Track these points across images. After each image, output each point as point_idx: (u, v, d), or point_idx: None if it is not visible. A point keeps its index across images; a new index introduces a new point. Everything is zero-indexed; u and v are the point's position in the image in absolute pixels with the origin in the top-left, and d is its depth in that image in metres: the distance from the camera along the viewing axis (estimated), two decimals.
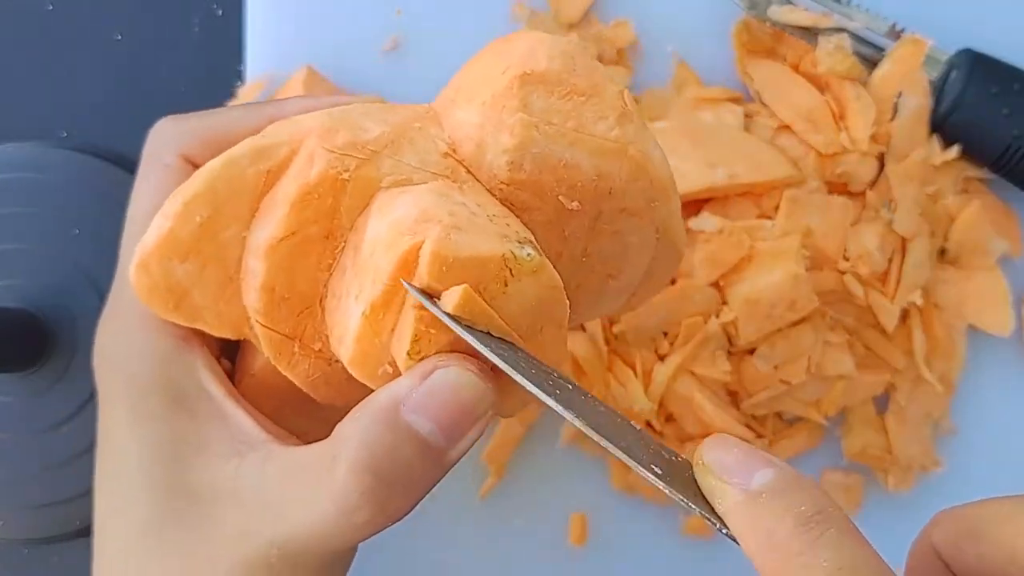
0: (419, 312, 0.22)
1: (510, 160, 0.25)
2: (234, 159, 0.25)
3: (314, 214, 0.24)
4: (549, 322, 0.24)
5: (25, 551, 0.41)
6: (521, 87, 0.25)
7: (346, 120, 0.25)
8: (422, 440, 0.22)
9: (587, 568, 0.41)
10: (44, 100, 0.42)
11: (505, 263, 0.23)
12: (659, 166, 0.26)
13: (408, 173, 0.25)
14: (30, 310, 0.39)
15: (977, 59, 0.39)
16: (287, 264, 0.25)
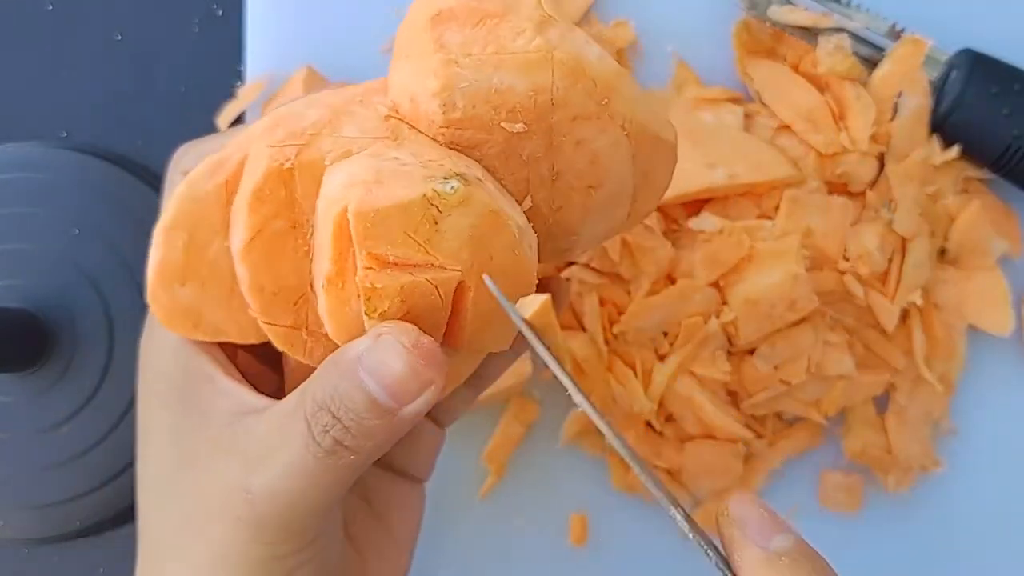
0: (365, 272, 0.23)
1: (441, 102, 0.25)
2: (194, 179, 0.26)
3: (272, 209, 0.25)
4: (498, 248, 0.24)
5: (25, 551, 0.41)
6: (434, 28, 0.25)
7: (288, 114, 0.26)
8: (370, 395, 0.24)
9: (587, 568, 0.41)
10: (44, 100, 0.42)
11: (429, 202, 0.23)
12: (597, 63, 0.25)
13: (347, 145, 0.25)
14: (30, 310, 0.39)
15: (977, 59, 0.39)
16: (266, 261, 0.25)
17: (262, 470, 0.25)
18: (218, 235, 0.26)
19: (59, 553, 0.41)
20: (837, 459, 0.41)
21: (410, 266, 0.23)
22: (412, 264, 0.23)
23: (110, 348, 0.39)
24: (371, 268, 0.23)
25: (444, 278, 0.23)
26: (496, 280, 0.24)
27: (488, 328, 0.25)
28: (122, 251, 0.39)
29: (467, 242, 0.23)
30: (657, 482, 0.23)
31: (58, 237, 0.39)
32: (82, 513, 0.40)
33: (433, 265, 0.23)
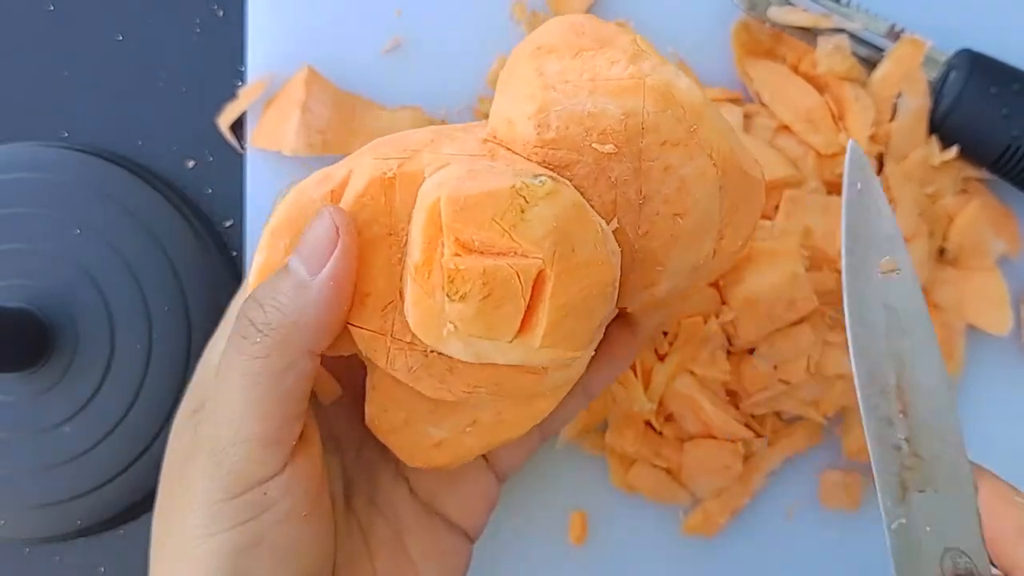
0: (451, 256, 0.24)
1: (536, 123, 0.26)
2: (302, 187, 0.28)
3: (371, 214, 0.26)
4: (580, 243, 0.25)
5: (26, 551, 0.41)
6: (535, 59, 0.27)
7: (395, 137, 0.28)
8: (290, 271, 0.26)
9: (587, 567, 0.41)
10: (45, 100, 0.42)
11: (517, 192, 0.24)
12: (687, 91, 0.26)
13: (446, 160, 0.26)
14: (31, 310, 0.39)
15: (976, 60, 0.39)
16: (361, 264, 0.26)
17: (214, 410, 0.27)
18: None
19: (59, 553, 0.41)
20: (836, 458, 0.41)
21: (494, 252, 0.24)
22: (496, 250, 0.24)
23: (111, 348, 0.39)
24: (457, 253, 0.24)
25: (526, 264, 0.24)
26: (578, 271, 0.25)
27: (564, 324, 0.25)
28: (123, 251, 0.39)
29: (551, 232, 0.24)
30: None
31: (59, 237, 0.39)
32: (82, 513, 0.39)
33: (516, 252, 0.24)
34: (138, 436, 0.39)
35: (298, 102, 0.39)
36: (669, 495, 0.40)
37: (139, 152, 0.42)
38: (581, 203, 0.25)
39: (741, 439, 0.39)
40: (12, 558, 0.41)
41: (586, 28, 0.27)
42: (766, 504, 0.41)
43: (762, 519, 0.41)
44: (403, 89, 0.41)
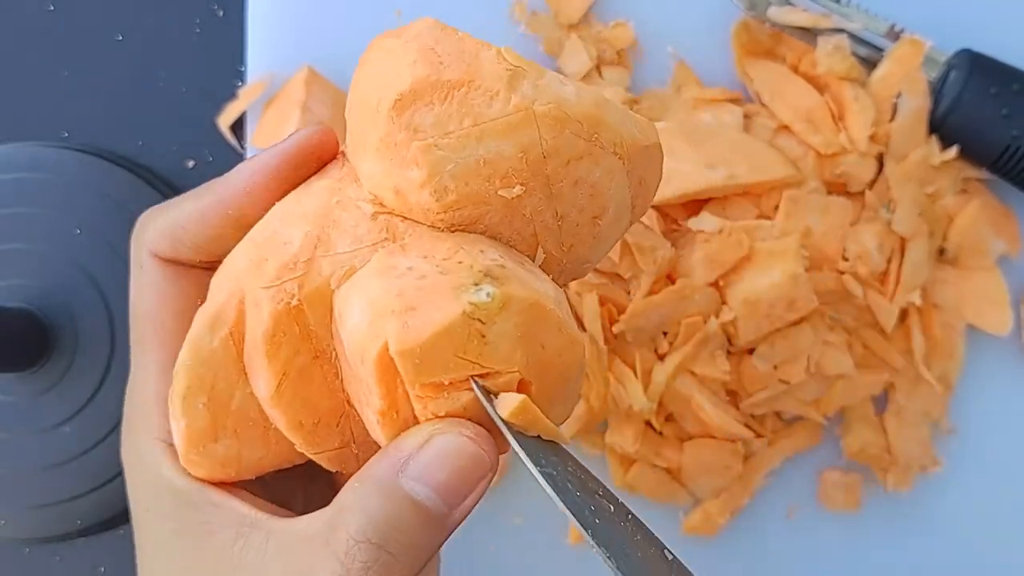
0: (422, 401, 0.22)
1: (432, 190, 0.24)
2: (196, 341, 0.25)
3: (291, 349, 0.24)
4: (546, 336, 0.23)
5: (26, 551, 0.41)
6: (399, 115, 0.24)
7: (268, 240, 0.25)
8: (421, 507, 0.22)
9: (587, 568, 0.41)
10: (45, 100, 0.42)
11: (470, 318, 0.22)
12: (576, 101, 0.24)
13: (348, 262, 0.24)
14: (31, 310, 0.39)
15: (976, 60, 0.39)
16: (298, 400, 0.25)
17: None
18: (237, 386, 0.25)
19: (59, 553, 0.41)
20: (836, 458, 0.41)
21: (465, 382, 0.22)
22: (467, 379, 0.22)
23: (111, 348, 0.39)
24: (427, 397, 0.22)
25: (504, 382, 0.23)
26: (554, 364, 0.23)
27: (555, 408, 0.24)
28: (123, 251, 0.39)
29: (518, 343, 0.23)
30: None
31: (59, 237, 0.39)
32: (82, 513, 0.40)
33: (489, 374, 0.22)
34: None
35: (298, 102, 0.39)
36: (669, 495, 0.40)
37: (139, 152, 0.42)
38: (536, 300, 0.23)
39: (741, 439, 0.39)
40: (12, 558, 0.41)
41: (441, 52, 0.25)
42: (766, 504, 0.41)
43: (762, 519, 0.41)
44: None
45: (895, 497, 0.41)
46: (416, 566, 0.23)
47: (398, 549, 0.22)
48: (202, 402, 0.25)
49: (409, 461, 0.22)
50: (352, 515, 0.23)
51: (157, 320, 0.27)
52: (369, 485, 0.23)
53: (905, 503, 0.42)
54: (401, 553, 0.22)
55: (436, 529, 0.23)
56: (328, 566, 0.22)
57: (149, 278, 0.27)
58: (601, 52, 0.40)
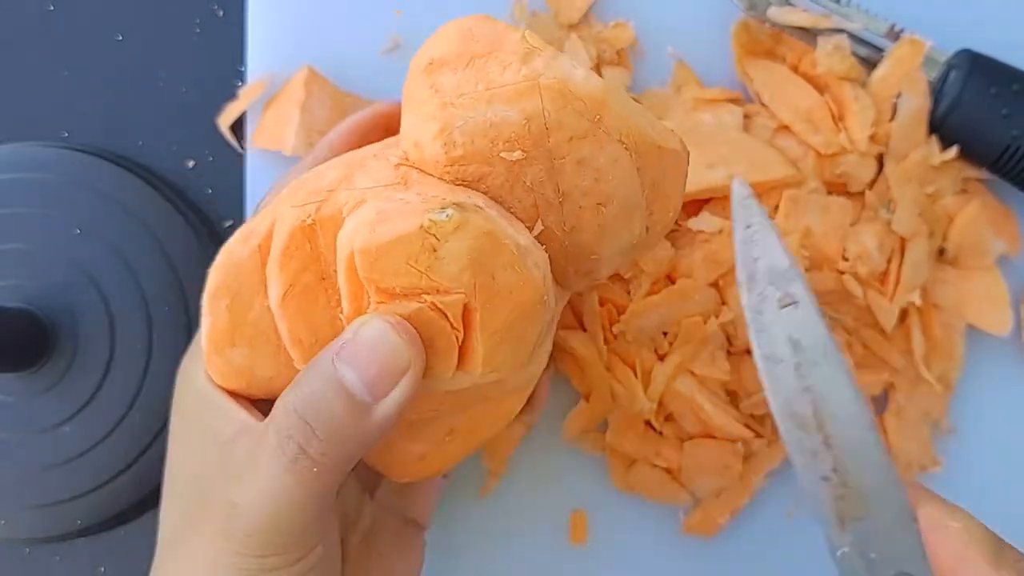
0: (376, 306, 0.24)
1: (442, 143, 0.26)
2: (229, 247, 0.28)
3: (300, 263, 0.27)
4: (498, 269, 0.25)
5: (26, 551, 0.41)
6: (429, 76, 0.27)
7: (310, 176, 0.28)
8: (346, 389, 0.24)
9: (587, 567, 0.41)
10: (45, 100, 0.42)
11: (426, 232, 0.24)
12: (583, 82, 0.26)
13: (361, 196, 0.26)
14: (31, 310, 0.39)
15: (976, 60, 0.39)
16: (301, 314, 0.27)
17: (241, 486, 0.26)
18: (258, 296, 0.28)
19: (59, 553, 0.41)
20: None
21: (416, 293, 0.24)
22: (418, 291, 0.24)
23: (111, 348, 0.39)
24: (381, 301, 0.24)
25: (449, 301, 0.24)
26: (502, 297, 0.25)
27: (500, 349, 0.25)
28: (123, 251, 0.39)
29: (467, 265, 0.24)
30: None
31: (59, 237, 0.39)
32: (82, 513, 0.40)
33: (438, 290, 0.24)
34: (138, 436, 0.39)
35: (298, 102, 0.39)
36: (669, 495, 0.40)
37: (139, 152, 0.42)
38: (492, 229, 0.25)
39: (741, 439, 0.39)
40: (12, 558, 0.41)
41: (476, 32, 0.27)
42: (766, 504, 0.41)
43: (762, 519, 0.41)
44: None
45: None
46: (338, 453, 0.25)
47: (319, 426, 0.24)
48: (225, 303, 0.28)
49: (344, 345, 0.24)
50: (291, 390, 0.25)
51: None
52: (311, 365, 0.25)
53: None
54: (322, 431, 0.24)
55: (358, 416, 0.24)
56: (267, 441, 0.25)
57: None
58: (601, 52, 0.40)
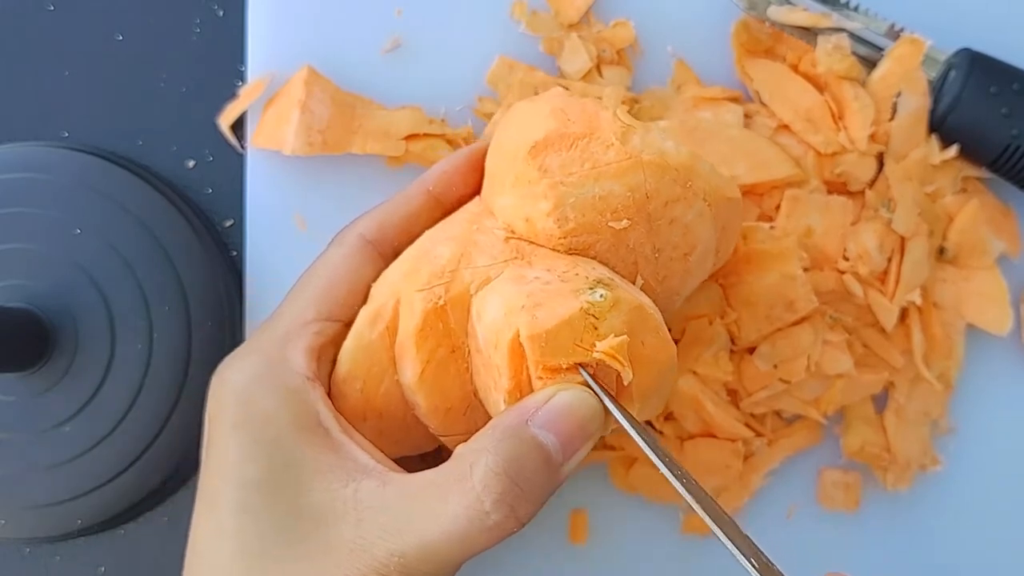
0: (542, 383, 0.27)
1: (556, 219, 0.29)
2: (359, 334, 0.31)
3: (434, 342, 0.29)
4: (646, 335, 0.28)
5: (26, 550, 0.41)
6: (534, 159, 0.30)
7: (421, 254, 0.31)
8: (545, 450, 0.26)
9: (587, 567, 0.41)
10: (44, 100, 0.42)
11: (586, 313, 0.26)
12: (675, 154, 0.30)
13: (485, 273, 0.29)
14: (31, 310, 0.39)
15: (976, 59, 0.39)
16: (436, 386, 0.30)
17: (412, 537, 0.26)
18: (387, 374, 0.31)
19: (59, 553, 0.41)
20: (836, 457, 0.41)
21: (575, 368, 0.27)
22: (577, 365, 0.27)
23: (111, 348, 0.39)
24: (547, 378, 0.27)
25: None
26: (649, 360, 0.28)
27: (650, 400, 0.29)
28: (123, 251, 0.39)
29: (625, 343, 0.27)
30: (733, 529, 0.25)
31: (59, 237, 0.39)
32: (82, 513, 0.39)
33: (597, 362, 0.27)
34: (138, 436, 0.39)
35: (298, 102, 0.39)
36: (669, 495, 0.40)
37: (139, 152, 0.42)
38: (640, 303, 0.28)
39: (742, 439, 0.39)
40: (12, 558, 0.41)
41: (569, 112, 0.30)
42: (766, 504, 0.41)
43: (762, 519, 0.41)
44: (403, 89, 0.41)
45: (895, 496, 0.42)
46: (536, 506, 0.26)
47: (525, 485, 0.26)
48: (359, 386, 0.31)
49: (537, 412, 0.26)
50: (487, 454, 0.26)
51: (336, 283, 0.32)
52: (500, 431, 0.26)
53: (905, 502, 0.42)
54: (527, 489, 0.26)
55: (552, 474, 0.26)
56: (463, 500, 0.26)
57: (347, 250, 0.32)
58: (601, 51, 0.40)
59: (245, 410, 0.28)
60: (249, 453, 0.28)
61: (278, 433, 0.28)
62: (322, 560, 0.26)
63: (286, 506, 0.27)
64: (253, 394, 0.29)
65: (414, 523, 0.26)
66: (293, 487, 0.27)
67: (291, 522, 0.27)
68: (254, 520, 0.27)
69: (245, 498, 0.27)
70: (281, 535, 0.27)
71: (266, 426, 0.28)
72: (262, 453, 0.28)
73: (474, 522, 0.25)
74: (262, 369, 0.29)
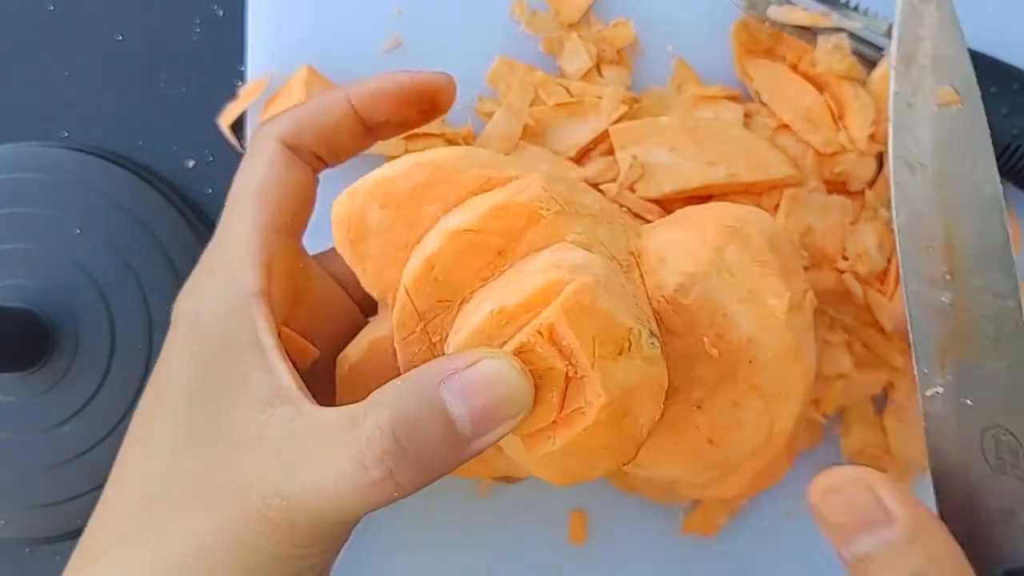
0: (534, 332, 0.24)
1: (680, 283, 0.26)
2: (472, 154, 0.28)
3: (502, 227, 0.26)
4: (639, 411, 0.25)
5: (26, 550, 0.41)
6: (723, 235, 0.27)
7: (568, 182, 0.28)
8: (450, 421, 0.23)
9: (587, 567, 0.41)
10: (44, 100, 0.42)
11: (629, 335, 0.24)
12: (807, 365, 0.27)
13: (593, 243, 0.26)
14: (31, 310, 0.39)
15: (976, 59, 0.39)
16: (457, 253, 0.26)
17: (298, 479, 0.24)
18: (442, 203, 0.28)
19: (59, 553, 0.41)
20: (836, 458, 0.41)
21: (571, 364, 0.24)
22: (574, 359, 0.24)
23: (111, 348, 0.39)
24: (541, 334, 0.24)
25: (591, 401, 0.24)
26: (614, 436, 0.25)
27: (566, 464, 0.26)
28: (123, 251, 0.39)
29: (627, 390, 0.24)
30: None
31: (59, 237, 0.39)
32: (82, 513, 0.39)
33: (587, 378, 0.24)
34: None
35: (298, 102, 0.39)
36: (669, 495, 0.40)
37: (139, 152, 0.42)
38: (664, 383, 0.25)
39: None
40: (12, 558, 0.41)
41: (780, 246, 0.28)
42: (766, 504, 0.41)
43: (762, 519, 0.41)
44: None
45: None
46: (423, 478, 0.24)
47: (415, 451, 0.23)
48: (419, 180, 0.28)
49: (455, 375, 0.23)
50: (385, 407, 0.24)
51: (265, 189, 0.29)
52: (410, 384, 0.24)
53: None
54: (416, 457, 0.23)
55: (454, 449, 0.24)
56: (347, 450, 0.23)
57: (266, 158, 0.30)
58: (601, 51, 0.40)
59: (189, 328, 0.28)
60: (184, 366, 0.27)
61: (213, 348, 0.27)
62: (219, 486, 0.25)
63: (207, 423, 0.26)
64: (200, 312, 0.28)
65: (302, 463, 0.24)
66: (217, 404, 0.26)
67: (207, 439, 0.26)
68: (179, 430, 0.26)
69: (176, 410, 0.27)
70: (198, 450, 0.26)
71: (203, 341, 0.27)
72: (196, 366, 0.27)
73: (353, 474, 0.23)
74: (210, 288, 0.28)
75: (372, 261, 0.28)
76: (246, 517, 0.25)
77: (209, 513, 0.25)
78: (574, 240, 0.26)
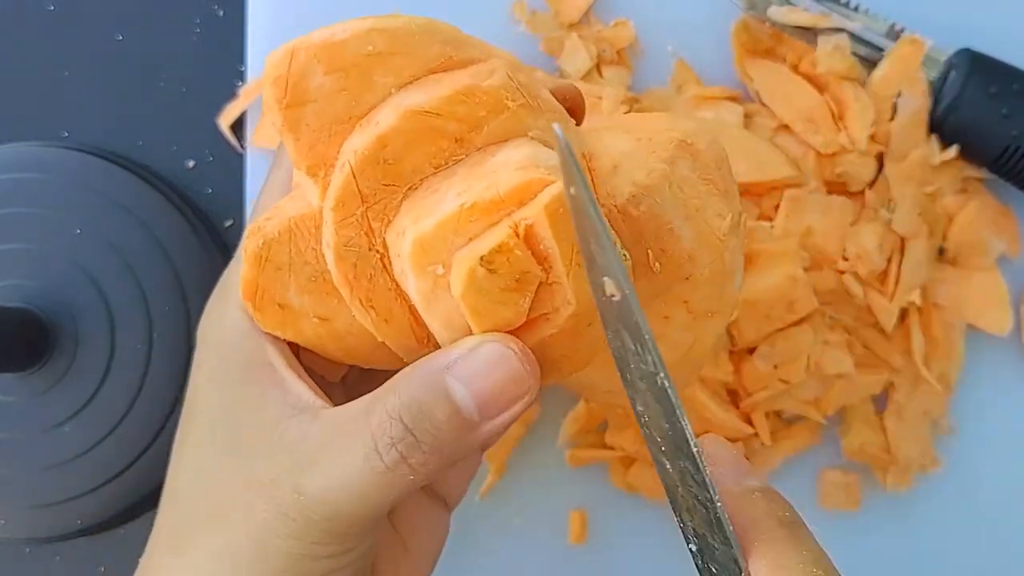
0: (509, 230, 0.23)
1: (633, 193, 0.25)
2: (435, 28, 0.26)
3: (464, 114, 0.25)
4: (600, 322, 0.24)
5: (26, 550, 0.41)
6: (676, 148, 0.26)
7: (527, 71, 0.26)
8: (453, 404, 0.24)
9: (587, 567, 0.41)
10: (45, 100, 0.42)
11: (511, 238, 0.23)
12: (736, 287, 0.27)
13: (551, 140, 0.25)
14: (31, 310, 0.39)
15: (976, 59, 0.39)
16: (411, 135, 0.24)
17: (315, 473, 0.25)
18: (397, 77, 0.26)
19: (59, 553, 0.41)
20: (836, 458, 0.41)
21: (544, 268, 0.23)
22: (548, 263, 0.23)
23: (111, 348, 0.39)
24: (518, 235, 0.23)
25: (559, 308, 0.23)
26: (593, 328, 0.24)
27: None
28: (123, 251, 0.39)
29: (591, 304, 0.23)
30: None
31: (59, 237, 0.39)
32: (82, 513, 0.40)
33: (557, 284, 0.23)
34: (138, 436, 0.39)
35: None
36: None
37: (139, 152, 0.42)
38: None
39: (742, 438, 0.39)
40: (12, 558, 0.41)
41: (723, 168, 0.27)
42: None
43: None
44: None
45: (894, 497, 0.41)
46: (434, 463, 0.24)
47: (424, 438, 0.24)
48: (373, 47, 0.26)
49: (458, 361, 0.24)
50: (393, 395, 0.24)
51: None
52: (416, 374, 0.24)
53: (905, 503, 0.42)
54: (426, 443, 0.24)
55: (463, 433, 0.24)
56: (360, 439, 0.24)
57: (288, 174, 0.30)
58: (601, 51, 0.40)
59: (208, 351, 0.29)
60: (205, 388, 0.28)
61: (229, 369, 0.28)
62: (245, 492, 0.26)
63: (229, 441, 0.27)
64: (216, 335, 0.29)
65: (320, 459, 0.25)
66: (237, 421, 0.27)
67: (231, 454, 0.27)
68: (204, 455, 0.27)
69: (201, 433, 0.28)
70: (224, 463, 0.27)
71: (221, 363, 0.28)
72: (214, 391, 0.28)
73: (366, 461, 0.24)
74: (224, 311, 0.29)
75: (307, 131, 0.26)
76: (269, 519, 0.25)
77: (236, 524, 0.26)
78: (535, 136, 0.25)
